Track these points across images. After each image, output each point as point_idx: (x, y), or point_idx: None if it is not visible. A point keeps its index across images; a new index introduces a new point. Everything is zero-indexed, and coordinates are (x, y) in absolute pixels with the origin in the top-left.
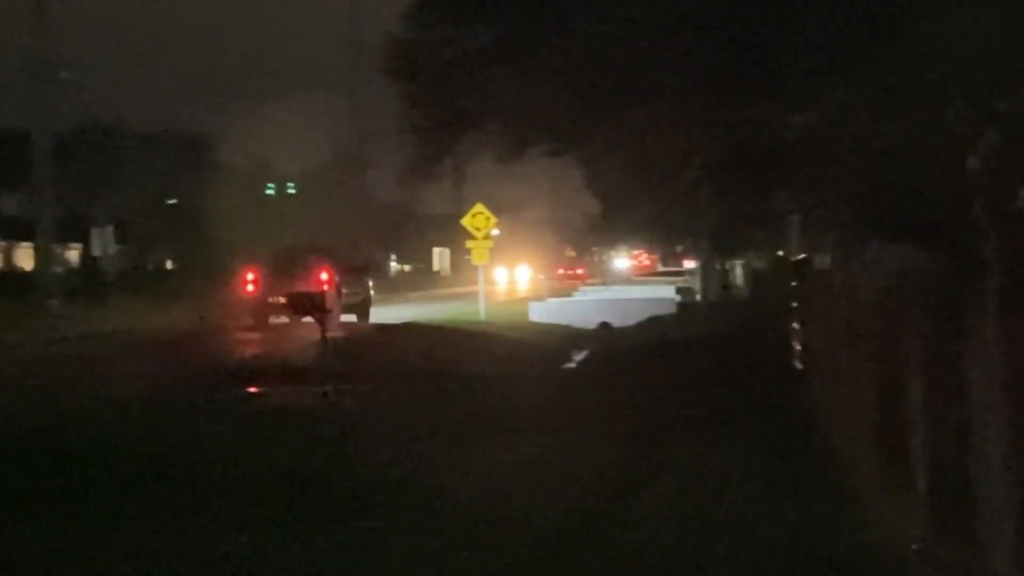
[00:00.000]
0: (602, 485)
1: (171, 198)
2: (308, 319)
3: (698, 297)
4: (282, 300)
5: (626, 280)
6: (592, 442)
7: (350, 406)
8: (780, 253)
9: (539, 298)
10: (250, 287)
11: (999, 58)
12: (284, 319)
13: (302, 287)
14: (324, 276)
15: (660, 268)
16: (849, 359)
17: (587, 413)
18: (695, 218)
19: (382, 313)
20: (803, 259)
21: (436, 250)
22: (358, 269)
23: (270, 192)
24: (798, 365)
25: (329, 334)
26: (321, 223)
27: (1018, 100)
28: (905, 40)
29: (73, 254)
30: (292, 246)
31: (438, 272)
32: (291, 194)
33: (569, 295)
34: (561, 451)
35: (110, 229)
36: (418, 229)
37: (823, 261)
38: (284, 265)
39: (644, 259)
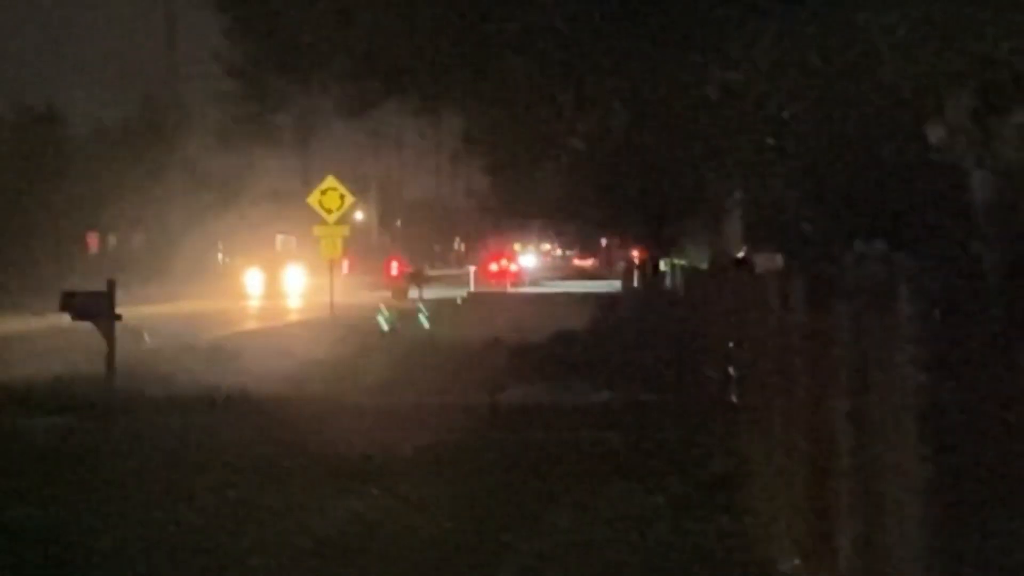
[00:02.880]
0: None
1: None
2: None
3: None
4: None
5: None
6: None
7: None
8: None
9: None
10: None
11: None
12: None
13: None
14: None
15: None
16: (797, 399)
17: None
18: (618, 200)
19: None
20: (740, 259)
21: (279, 238)
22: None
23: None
24: (733, 398)
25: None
26: (123, 192)
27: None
28: None
29: None
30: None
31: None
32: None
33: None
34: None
35: None
36: (257, 210)
37: (771, 261)
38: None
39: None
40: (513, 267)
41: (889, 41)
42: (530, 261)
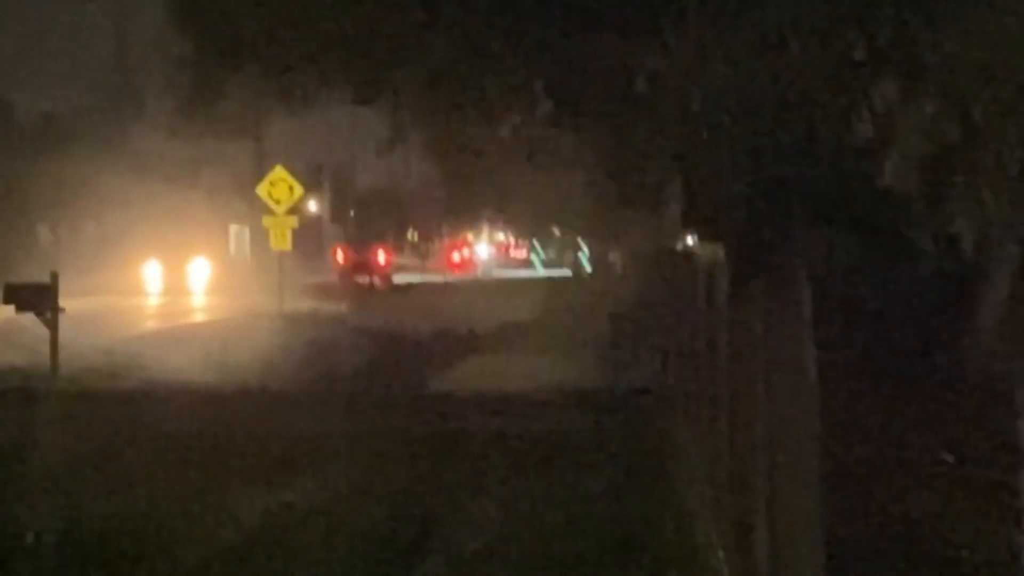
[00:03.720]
0: None
1: None
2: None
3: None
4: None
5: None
6: None
7: None
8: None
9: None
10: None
11: None
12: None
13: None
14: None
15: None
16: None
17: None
18: (553, 191)
19: None
20: (671, 249)
21: (233, 228)
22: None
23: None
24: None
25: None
26: (73, 182)
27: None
28: None
29: None
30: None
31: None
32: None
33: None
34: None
35: None
36: (211, 200)
37: (708, 250)
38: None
39: None
40: (475, 257)
41: (799, 26)
42: (483, 251)
